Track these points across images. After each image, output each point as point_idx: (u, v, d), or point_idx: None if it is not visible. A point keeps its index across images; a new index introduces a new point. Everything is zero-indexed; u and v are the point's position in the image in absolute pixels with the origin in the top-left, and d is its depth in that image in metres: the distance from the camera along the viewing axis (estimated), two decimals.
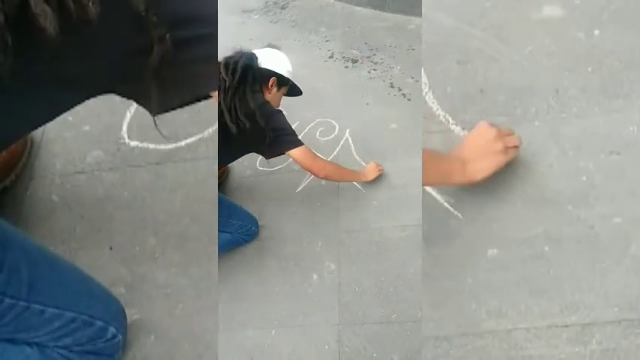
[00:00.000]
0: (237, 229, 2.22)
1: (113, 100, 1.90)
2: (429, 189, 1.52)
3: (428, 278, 1.41)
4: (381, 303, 1.98)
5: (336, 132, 2.67)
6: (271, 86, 2.10)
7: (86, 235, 1.64)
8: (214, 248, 1.60)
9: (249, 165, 2.61)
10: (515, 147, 1.40)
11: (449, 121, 1.60)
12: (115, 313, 1.35)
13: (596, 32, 1.63)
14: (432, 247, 1.44)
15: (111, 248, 1.62)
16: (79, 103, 0.91)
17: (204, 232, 1.63)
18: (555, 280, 1.33)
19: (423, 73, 1.69)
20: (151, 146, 1.81)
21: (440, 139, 1.58)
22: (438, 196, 1.50)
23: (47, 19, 0.62)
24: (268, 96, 2.09)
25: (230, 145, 1.97)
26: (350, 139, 2.60)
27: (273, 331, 2.04)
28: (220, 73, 1.95)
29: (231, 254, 2.30)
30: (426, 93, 1.65)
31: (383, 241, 2.18)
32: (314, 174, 2.16)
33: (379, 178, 2.35)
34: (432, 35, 1.74)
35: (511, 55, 1.65)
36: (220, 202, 2.14)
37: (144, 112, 1.88)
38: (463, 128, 1.57)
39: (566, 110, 1.53)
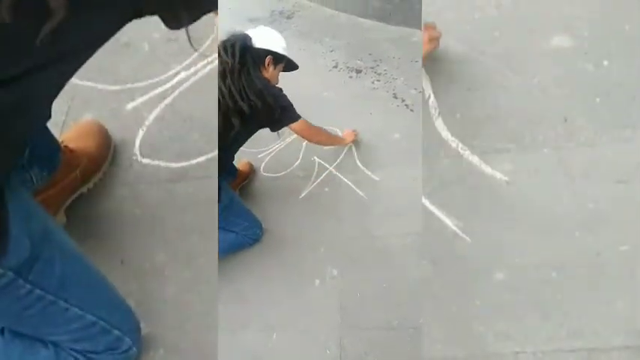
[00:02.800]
0: (242, 230, 2.28)
1: (126, 117, 1.97)
2: (437, 212, 1.56)
3: (435, 300, 1.44)
4: (382, 309, 2.00)
5: None
6: (267, 65, 2.14)
7: (97, 250, 1.67)
8: (215, 263, 1.64)
9: None
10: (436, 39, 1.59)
11: (458, 146, 1.65)
12: (132, 325, 1.38)
13: (605, 63, 1.69)
14: (439, 269, 1.48)
15: (122, 263, 1.65)
16: (116, 27, 0.93)
17: (212, 248, 1.67)
18: (562, 305, 1.37)
19: (433, 99, 1.75)
20: (163, 164, 1.85)
21: (449, 163, 1.63)
22: (447, 220, 1.54)
23: None
24: (266, 75, 2.14)
25: (240, 127, 2.03)
26: (354, 147, 2.65)
27: (274, 335, 2.05)
28: (220, 55, 2.01)
29: (233, 257, 2.32)
30: (436, 118, 1.70)
31: (385, 247, 2.21)
32: (309, 140, 2.43)
33: (381, 186, 2.42)
34: (443, 62, 1.80)
35: (520, 83, 1.71)
36: (231, 200, 2.19)
37: (156, 130, 1.95)
38: (472, 153, 1.62)
39: (574, 139, 1.59)
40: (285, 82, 2.24)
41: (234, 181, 2.54)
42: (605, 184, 1.50)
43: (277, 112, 2.09)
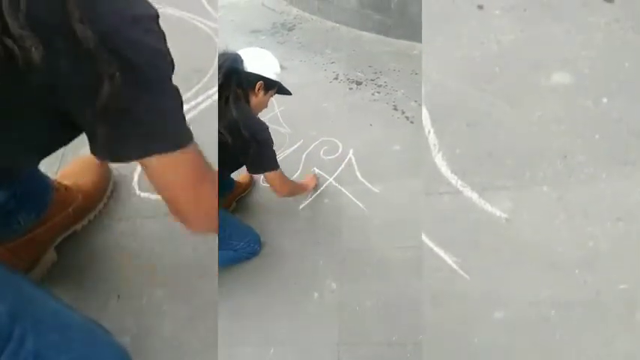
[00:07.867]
0: (240, 248, 2.32)
1: None
2: (436, 249, 1.61)
3: (434, 337, 1.48)
4: (381, 324, 2.03)
5: (339, 151, 2.77)
6: (258, 90, 2.05)
7: (94, 284, 1.71)
8: (215, 298, 1.68)
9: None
10: None
11: (458, 183, 1.70)
12: None
13: (605, 100, 1.75)
14: (438, 307, 1.53)
15: (118, 297, 1.70)
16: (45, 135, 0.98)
17: (212, 285, 1.70)
18: (561, 345, 1.41)
19: (433, 134, 1.81)
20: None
21: (449, 199, 1.69)
22: (446, 257, 1.59)
23: None
24: (255, 100, 2.06)
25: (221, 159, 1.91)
26: (353, 158, 2.73)
27: (272, 350, 2.07)
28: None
29: (231, 270, 2.36)
30: (436, 154, 1.76)
31: (384, 261, 2.24)
32: (276, 191, 2.28)
33: (381, 199, 2.48)
34: (442, 98, 1.86)
35: (520, 119, 1.77)
36: (224, 221, 2.18)
37: None
38: (472, 190, 1.68)
39: (573, 176, 1.64)
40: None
41: (232, 193, 2.57)
42: (604, 221, 1.55)
43: (253, 146, 1.99)
